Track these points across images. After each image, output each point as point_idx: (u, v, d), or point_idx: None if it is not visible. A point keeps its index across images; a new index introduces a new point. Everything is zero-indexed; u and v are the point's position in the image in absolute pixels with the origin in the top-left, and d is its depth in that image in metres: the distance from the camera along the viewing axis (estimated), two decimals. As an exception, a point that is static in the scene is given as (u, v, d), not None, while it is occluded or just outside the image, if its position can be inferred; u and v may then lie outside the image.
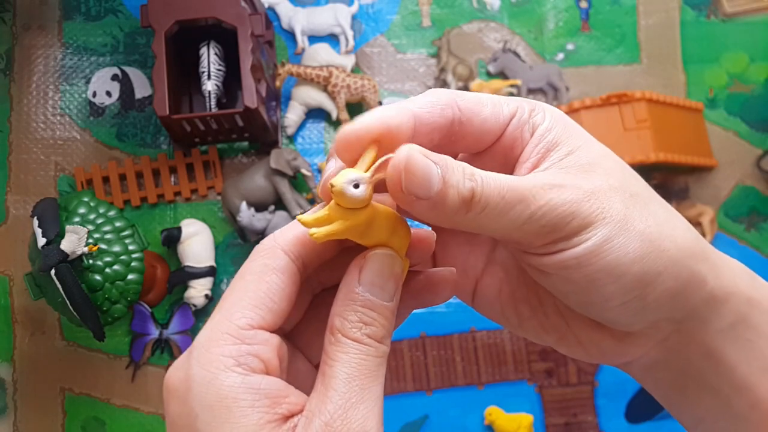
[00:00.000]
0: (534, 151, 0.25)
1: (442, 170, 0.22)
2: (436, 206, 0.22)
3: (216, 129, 0.78)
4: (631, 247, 0.24)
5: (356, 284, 0.24)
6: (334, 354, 0.23)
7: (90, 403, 0.78)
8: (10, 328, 0.80)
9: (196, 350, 0.23)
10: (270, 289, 0.24)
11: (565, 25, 0.88)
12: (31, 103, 0.85)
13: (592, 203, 0.23)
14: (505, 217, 0.23)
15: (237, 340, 0.22)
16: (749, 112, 0.86)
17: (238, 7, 0.73)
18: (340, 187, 0.22)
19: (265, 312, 0.23)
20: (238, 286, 0.24)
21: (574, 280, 0.24)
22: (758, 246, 0.83)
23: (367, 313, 0.24)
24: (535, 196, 0.23)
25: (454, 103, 0.25)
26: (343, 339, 0.23)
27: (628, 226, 0.24)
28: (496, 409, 0.77)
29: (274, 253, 0.25)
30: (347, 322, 0.23)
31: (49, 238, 0.63)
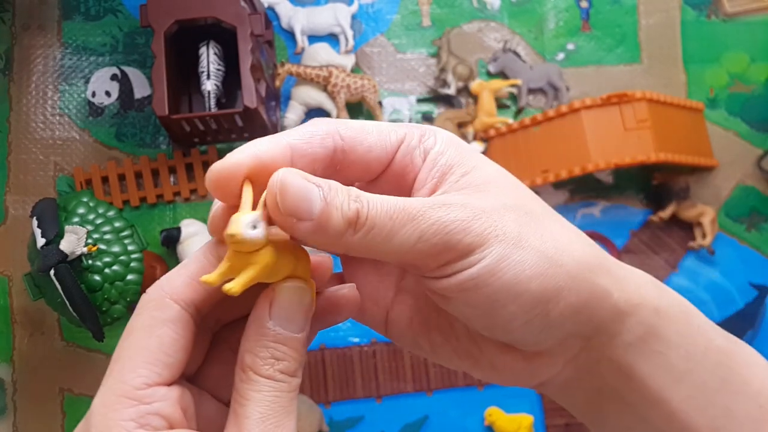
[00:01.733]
0: (429, 176, 0.25)
1: (325, 192, 0.22)
2: (320, 228, 0.22)
3: (215, 129, 0.78)
4: (527, 264, 0.23)
5: (266, 319, 0.23)
6: (246, 393, 0.22)
7: (89, 403, 0.78)
8: (10, 329, 0.79)
9: (94, 418, 0.22)
10: (162, 343, 0.23)
11: (565, 24, 0.88)
12: (30, 103, 0.85)
13: (484, 221, 0.23)
14: (394, 239, 0.23)
15: (134, 401, 0.21)
16: (750, 112, 0.85)
17: (238, 7, 0.73)
18: (240, 235, 0.21)
19: (160, 368, 0.22)
20: (127, 344, 0.23)
21: (474, 303, 0.24)
22: (759, 246, 0.82)
23: (279, 348, 0.23)
24: (424, 215, 0.23)
25: (335, 133, 0.25)
26: (254, 377, 0.23)
27: (523, 243, 0.23)
28: (497, 410, 0.76)
29: (162, 303, 0.23)
30: (258, 359, 0.23)
31: (48, 238, 0.63)
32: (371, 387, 0.78)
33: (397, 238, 0.23)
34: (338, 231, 0.22)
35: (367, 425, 0.77)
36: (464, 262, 0.23)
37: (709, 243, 0.80)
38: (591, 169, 0.76)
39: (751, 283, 0.81)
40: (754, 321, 0.80)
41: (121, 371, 0.22)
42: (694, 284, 0.81)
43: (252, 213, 0.22)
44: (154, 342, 0.23)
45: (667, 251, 0.82)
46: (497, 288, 0.23)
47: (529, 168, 0.80)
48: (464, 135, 0.83)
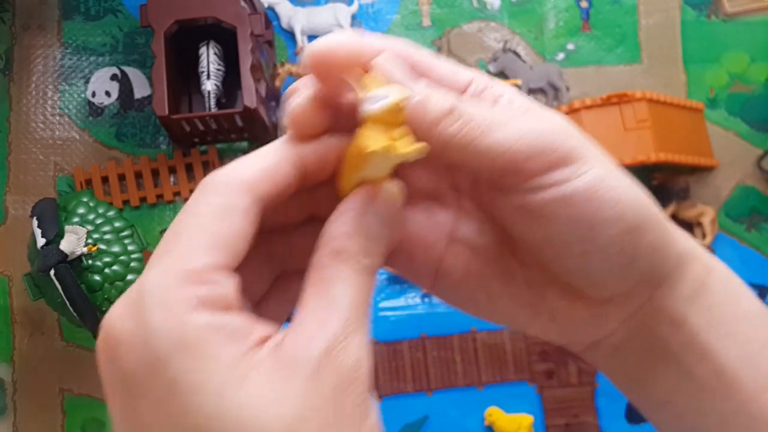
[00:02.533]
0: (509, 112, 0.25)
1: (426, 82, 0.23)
2: (420, 108, 0.22)
3: (215, 129, 0.78)
4: (624, 188, 0.23)
5: (367, 211, 0.23)
6: (336, 277, 0.22)
7: (90, 403, 0.78)
8: (9, 329, 0.79)
9: (151, 293, 0.20)
10: (232, 230, 0.21)
11: (565, 24, 0.88)
12: (30, 103, 0.85)
13: (579, 139, 0.23)
14: (493, 134, 0.22)
15: (199, 280, 0.20)
16: (750, 112, 0.85)
17: (238, 7, 0.73)
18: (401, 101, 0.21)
19: (226, 254, 0.21)
20: (193, 223, 0.21)
21: (577, 220, 0.23)
22: (759, 246, 0.82)
23: (372, 246, 0.23)
24: (524, 117, 0.23)
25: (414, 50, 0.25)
26: (346, 264, 0.22)
27: (614, 169, 0.24)
28: (497, 410, 0.76)
29: (237, 190, 0.22)
30: (354, 248, 0.22)
31: (48, 238, 0.63)
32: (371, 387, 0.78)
33: (497, 133, 0.22)
34: (436, 115, 0.22)
35: (367, 425, 0.77)
36: (569, 171, 0.23)
37: (709, 243, 0.80)
38: (591, 169, 0.76)
39: (751, 283, 0.81)
40: (754, 321, 0.80)
41: (185, 250, 0.21)
42: (694, 284, 0.81)
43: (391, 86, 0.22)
44: (225, 227, 0.21)
45: (667, 251, 0.82)
46: (603, 204, 0.23)
47: (529, 168, 0.80)
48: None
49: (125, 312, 0.20)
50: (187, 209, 0.22)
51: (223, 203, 0.22)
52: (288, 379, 0.19)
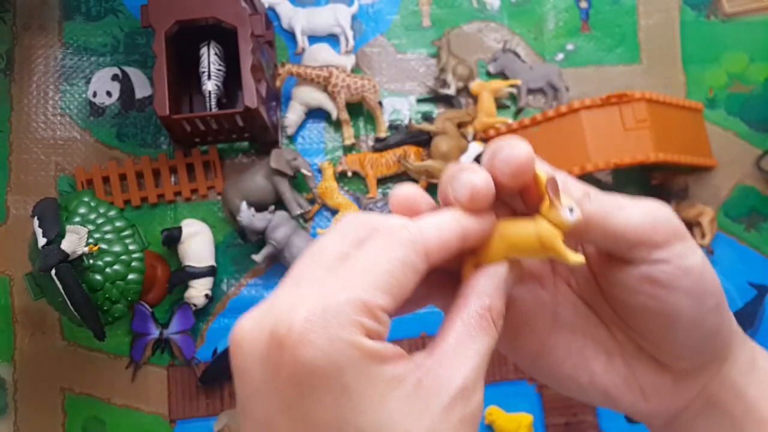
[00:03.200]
0: None
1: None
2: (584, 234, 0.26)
3: (216, 129, 0.78)
4: (710, 269, 0.27)
5: (507, 281, 0.26)
6: (480, 329, 0.25)
7: (90, 402, 0.78)
8: (11, 328, 0.80)
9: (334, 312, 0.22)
10: (406, 284, 0.24)
11: (564, 25, 0.88)
12: (31, 103, 0.85)
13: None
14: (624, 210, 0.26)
15: (372, 316, 0.23)
16: (749, 112, 0.86)
17: (238, 7, 0.73)
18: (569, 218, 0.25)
19: (395, 302, 0.24)
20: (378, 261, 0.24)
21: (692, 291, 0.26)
22: (758, 246, 0.83)
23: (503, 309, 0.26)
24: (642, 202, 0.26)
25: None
26: (489, 321, 0.25)
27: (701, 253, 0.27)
28: (496, 409, 0.77)
29: (419, 251, 0.25)
30: (496, 309, 0.26)
31: (49, 238, 0.63)
32: (371, 386, 0.78)
33: (624, 212, 0.26)
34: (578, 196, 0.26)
35: (367, 424, 0.77)
36: (686, 247, 0.26)
37: (708, 243, 0.80)
38: (590, 169, 0.76)
39: (750, 282, 0.81)
40: (753, 320, 0.80)
41: (367, 284, 0.23)
42: (693, 284, 0.81)
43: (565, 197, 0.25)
44: (402, 279, 0.24)
45: (666, 251, 0.82)
46: (707, 278, 0.26)
47: (528, 168, 0.81)
48: (464, 135, 0.83)
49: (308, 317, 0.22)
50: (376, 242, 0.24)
51: (404, 258, 0.24)
52: (427, 404, 0.23)
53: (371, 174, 0.82)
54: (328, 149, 0.85)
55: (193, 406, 0.78)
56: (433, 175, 0.81)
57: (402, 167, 0.82)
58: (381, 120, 0.84)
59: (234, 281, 0.81)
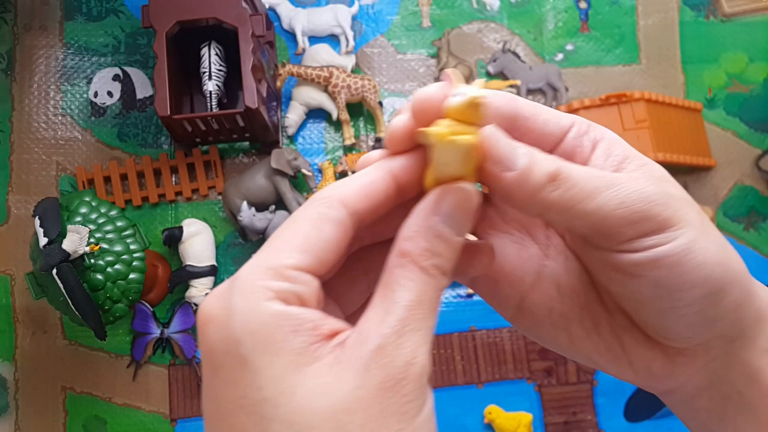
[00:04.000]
0: (606, 164, 0.25)
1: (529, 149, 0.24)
2: (522, 179, 0.23)
3: (217, 129, 0.78)
4: (712, 252, 0.24)
5: (433, 213, 0.23)
6: (397, 278, 0.23)
7: (91, 402, 0.78)
8: (12, 328, 0.80)
9: (238, 281, 0.23)
10: (321, 236, 0.23)
11: (564, 25, 0.88)
12: (32, 103, 0.85)
13: (676, 202, 0.24)
14: (595, 200, 0.23)
15: (281, 276, 0.22)
16: (748, 112, 0.86)
17: (239, 8, 0.73)
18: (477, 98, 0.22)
19: (312, 258, 0.23)
20: (290, 229, 0.24)
21: (664, 282, 0.24)
22: (757, 245, 0.83)
23: (439, 245, 0.23)
24: (628, 182, 0.24)
25: (516, 100, 0.26)
26: (410, 265, 0.23)
27: (707, 232, 0.24)
28: (496, 408, 0.77)
29: (332, 203, 0.24)
30: (418, 249, 0.23)
31: (50, 237, 0.63)
32: (371, 385, 0.78)
33: (598, 199, 0.23)
34: (539, 184, 0.23)
35: (367, 423, 0.77)
36: (661, 237, 0.24)
37: (707, 242, 0.80)
38: (590, 168, 0.76)
39: (749, 282, 0.82)
40: (752, 320, 0.80)
41: (278, 249, 0.23)
42: (692, 283, 0.82)
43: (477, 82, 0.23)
44: (315, 233, 0.23)
45: (665, 250, 0.82)
46: (689, 269, 0.24)
47: (528, 168, 0.81)
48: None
49: (219, 292, 0.23)
50: (292, 216, 0.24)
51: (318, 213, 0.24)
52: (342, 372, 0.21)
53: (371, 174, 0.82)
54: (328, 149, 0.85)
55: (194, 405, 0.78)
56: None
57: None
58: (381, 120, 0.84)
59: (234, 281, 0.81)
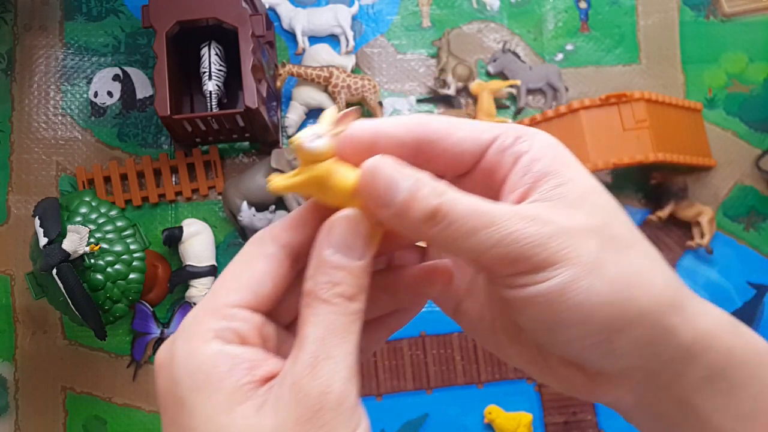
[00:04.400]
0: (521, 182, 0.25)
1: (412, 183, 0.23)
2: (400, 216, 0.23)
3: (217, 129, 0.78)
4: (597, 292, 0.23)
5: (325, 246, 0.24)
6: (306, 316, 0.24)
7: (91, 402, 0.78)
8: (12, 328, 0.80)
9: (181, 328, 0.24)
10: (254, 273, 0.25)
11: (564, 25, 0.88)
12: (32, 103, 0.85)
13: (563, 240, 0.23)
14: (471, 239, 0.23)
15: (219, 315, 0.24)
16: (748, 112, 0.86)
17: (239, 8, 0.73)
18: (299, 141, 0.24)
19: (246, 293, 0.24)
20: (226, 272, 0.25)
21: (539, 318, 0.24)
22: (757, 245, 0.83)
23: (336, 274, 0.24)
24: (504, 223, 0.23)
25: (426, 122, 0.25)
26: (313, 301, 0.24)
27: (598, 270, 0.23)
28: (496, 408, 0.77)
29: (263, 240, 0.25)
30: (317, 284, 0.24)
31: (50, 237, 0.63)
32: (371, 385, 0.78)
33: (474, 239, 0.23)
34: (417, 221, 0.23)
35: (367, 423, 0.77)
36: (535, 277, 0.23)
37: (707, 242, 0.80)
38: (590, 169, 0.76)
39: (750, 282, 0.82)
40: (752, 320, 0.80)
41: (215, 292, 0.24)
42: (692, 283, 0.82)
43: (316, 127, 0.24)
44: (248, 271, 0.25)
45: (665, 251, 0.83)
46: (563, 309, 0.23)
47: (528, 168, 0.81)
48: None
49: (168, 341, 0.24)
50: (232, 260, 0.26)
51: (250, 251, 0.25)
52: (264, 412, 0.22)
53: (371, 174, 0.82)
54: (328, 149, 0.85)
55: (194, 405, 0.78)
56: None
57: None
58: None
59: (234, 281, 0.81)
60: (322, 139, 0.24)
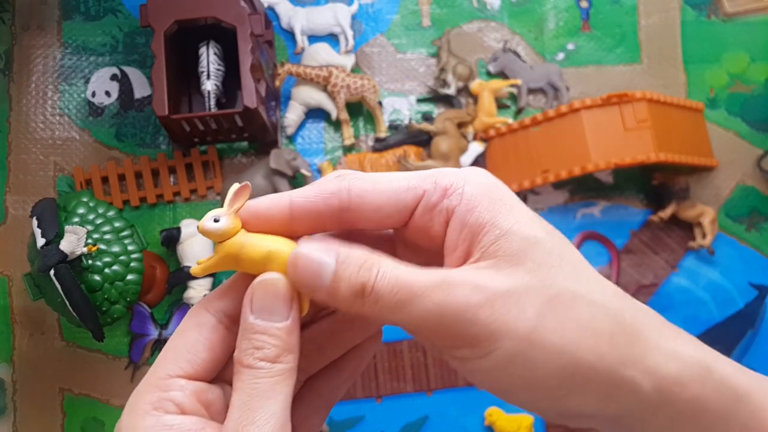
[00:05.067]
0: (459, 239, 0.24)
1: (337, 264, 0.24)
2: (331, 298, 0.24)
3: (215, 129, 0.78)
4: (540, 363, 0.23)
5: (248, 314, 0.25)
6: (234, 383, 0.24)
7: (89, 403, 0.78)
8: (9, 329, 0.79)
9: (127, 403, 0.25)
10: (187, 342, 0.26)
11: (565, 24, 0.88)
12: (30, 103, 0.85)
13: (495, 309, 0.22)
14: (399, 313, 0.23)
15: (155, 389, 0.24)
16: (750, 112, 0.86)
17: (238, 7, 0.73)
18: (201, 225, 0.26)
19: (182, 363, 0.25)
20: (166, 346, 0.26)
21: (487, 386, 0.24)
22: (759, 246, 0.82)
23: (259, 338, 0.24)
24: (428, 297, 0.22)
25: (343, 190, 0.25)
26: (238, 367, 0.24)
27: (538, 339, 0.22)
28: (497, 410, 0.76)
29: (197, 311, 0.26)
30: (241, 351, 0.25)
31: (48, 238, 0.63)
32: (371, 387, 0.78)
33: (402, 313, 0.23)
34: (347, 301, 0.24)
35: (367, 425, 0.77)
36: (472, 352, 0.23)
37: (709, 243, 0.80)
38: (591, 169, 0.76)
39: (751, 283, 0.81)
40: (754, 321, 0.80)
41: (155, 366, 0.26)
42: (694, 284, 0.81)
43: (216, 209, 0.26)
44: (182, 342, 0.26)
45: (667, 251, 0.82)
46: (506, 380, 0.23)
47: (529, 168, 0.81)
48: (464, 135, 0.83)
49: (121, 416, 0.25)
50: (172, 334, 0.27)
51: (184, 323, 0.26)
52: None
53: (371, 174, 0.82)
54: (327, 149, 0.85)
55: (193, 407, 0.78)
56: (433, 175, 0.80)
57: (402, 167, 0.81)
58: (381, 120, 0.84)
59: (233, 282, 0.81)
60: (222, 219, 0.25)
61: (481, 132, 0.84)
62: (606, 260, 0.81)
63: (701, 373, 0.25)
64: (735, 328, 0.79)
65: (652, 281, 0.81)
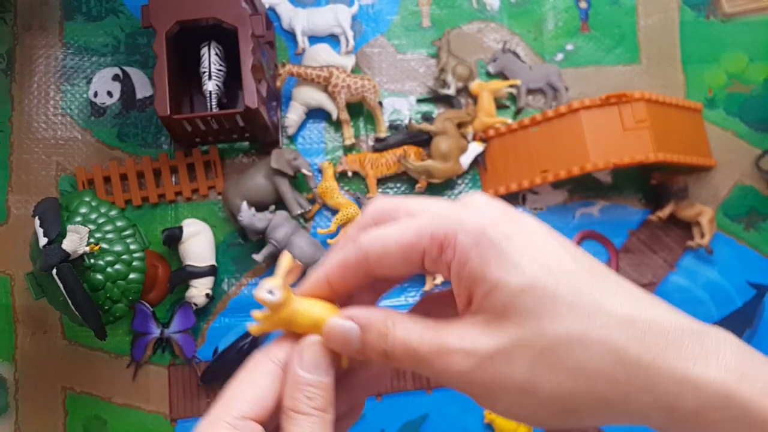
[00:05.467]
0: (460, 290, 0.27)
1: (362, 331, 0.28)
2: (363, 356, 0.28)
3: (217, 129, 0.78)
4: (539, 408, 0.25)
5: (297, 368, 0.28)
6: (289, 429, 0.27)
7: (91, 401, 0.78)
8: (12, 328, 0.80)
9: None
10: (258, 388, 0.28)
11: (564, 25, 0.88)
12: (32, 103, 0.85)
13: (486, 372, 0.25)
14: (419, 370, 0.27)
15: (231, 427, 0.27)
16: (748, 112, 0.86)
17: (239, 8, 0.73)
18: (259, 296, 0.29)
19: (254, 407, 0.28)
20: (236, 384, 0.29)
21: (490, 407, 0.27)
22: (757, 245, 0.83)
23: (311, 390, 0.28)
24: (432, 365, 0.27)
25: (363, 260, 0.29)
26: (294, 415, 0.27)
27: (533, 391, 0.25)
28: (496, 408, 0.77)
29: (262, 360, 0.29)
30: (296, 400, 0.28)
31: (50, 237, 0.63)
32: (371, 385, 0.78)
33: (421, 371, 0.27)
34: (377, 360, 0.28)
35: (367, 423, 0.77)
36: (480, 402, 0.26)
37: (707, 242, 0.80)
38: (590, 169, 0.76)
39: (750, 282, 0.82)
40: (752, 320, 0.80)
41: (227, 403, 0.28)
42: (692, 283, 0.82)
43: (270, 281, 0.29)
44: (251, 386, 0.28)
45: (665, 251, 0.83)
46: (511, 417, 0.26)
47: (528, 168, 0.81)
48: (464, 135, 0.83)
49: None
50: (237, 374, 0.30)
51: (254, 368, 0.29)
52: None
53: (371, 174, 0.82)
54: (328, 149, 0.85)
55: (194, 405, 0.78)
56: (433, 175, 0.81)
57: (402, 167, 0.82)
58: (381, 120, 0.84)
59: (234, 281, 0.81)
60: (276, 292, 0.29)
61: (480, 132, 0.84)
62: (605, 259, 0.81)
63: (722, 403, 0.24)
64: (733, 327, 0.79)
65: (650, 280, 0.81)
